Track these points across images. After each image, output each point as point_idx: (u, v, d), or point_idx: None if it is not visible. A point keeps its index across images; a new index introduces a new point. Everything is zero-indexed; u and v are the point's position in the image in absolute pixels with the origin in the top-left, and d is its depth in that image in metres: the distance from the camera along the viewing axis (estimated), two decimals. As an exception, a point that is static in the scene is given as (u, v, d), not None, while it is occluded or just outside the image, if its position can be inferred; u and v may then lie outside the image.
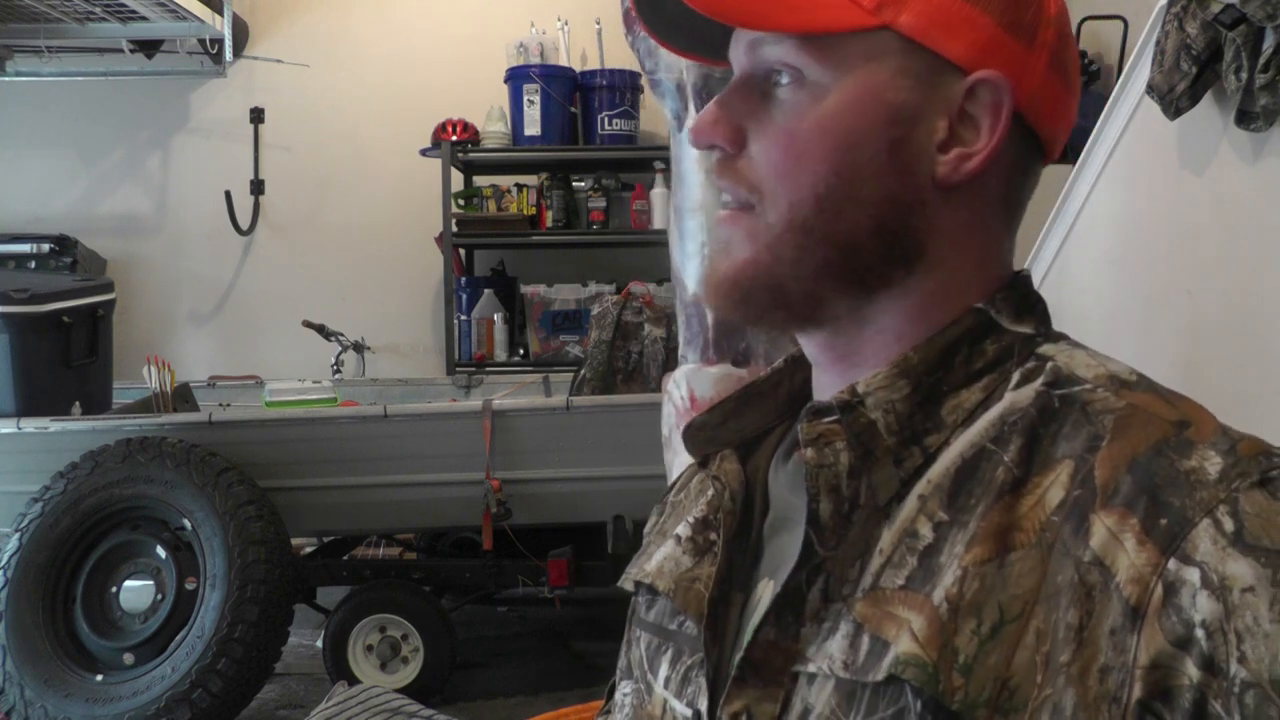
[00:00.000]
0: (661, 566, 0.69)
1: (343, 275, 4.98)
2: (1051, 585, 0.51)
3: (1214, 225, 1.96)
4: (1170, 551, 0.49)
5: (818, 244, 0.61)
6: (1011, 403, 0.59)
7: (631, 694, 0.71)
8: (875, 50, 0.60)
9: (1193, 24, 1.84)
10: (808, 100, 0.61)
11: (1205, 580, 0.47)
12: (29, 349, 3.13)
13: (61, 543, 2.90)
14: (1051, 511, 0.53)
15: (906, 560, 0.56)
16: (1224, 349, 1.91)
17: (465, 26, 4.92)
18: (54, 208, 4.96)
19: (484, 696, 3.23)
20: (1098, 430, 0.55)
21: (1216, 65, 1.82)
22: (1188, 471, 0.51)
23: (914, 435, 0.60)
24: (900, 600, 0.55)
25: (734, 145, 0.63)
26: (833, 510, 0.59)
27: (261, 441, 3.12)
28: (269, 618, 2.83)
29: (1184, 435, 0.53)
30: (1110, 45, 4.13)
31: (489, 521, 3.09)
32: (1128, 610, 0.49)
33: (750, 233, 0.63)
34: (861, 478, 0.59)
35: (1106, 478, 0.52)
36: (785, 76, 0.62)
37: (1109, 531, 0.51)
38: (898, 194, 0.61)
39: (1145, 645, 0.48)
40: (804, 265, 0.61)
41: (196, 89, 5.01)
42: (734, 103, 0.63)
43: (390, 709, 1.44)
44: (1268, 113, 1.71)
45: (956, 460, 0.58)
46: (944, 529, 0.56)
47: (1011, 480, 0.55)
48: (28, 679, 2.78)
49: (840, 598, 0.58)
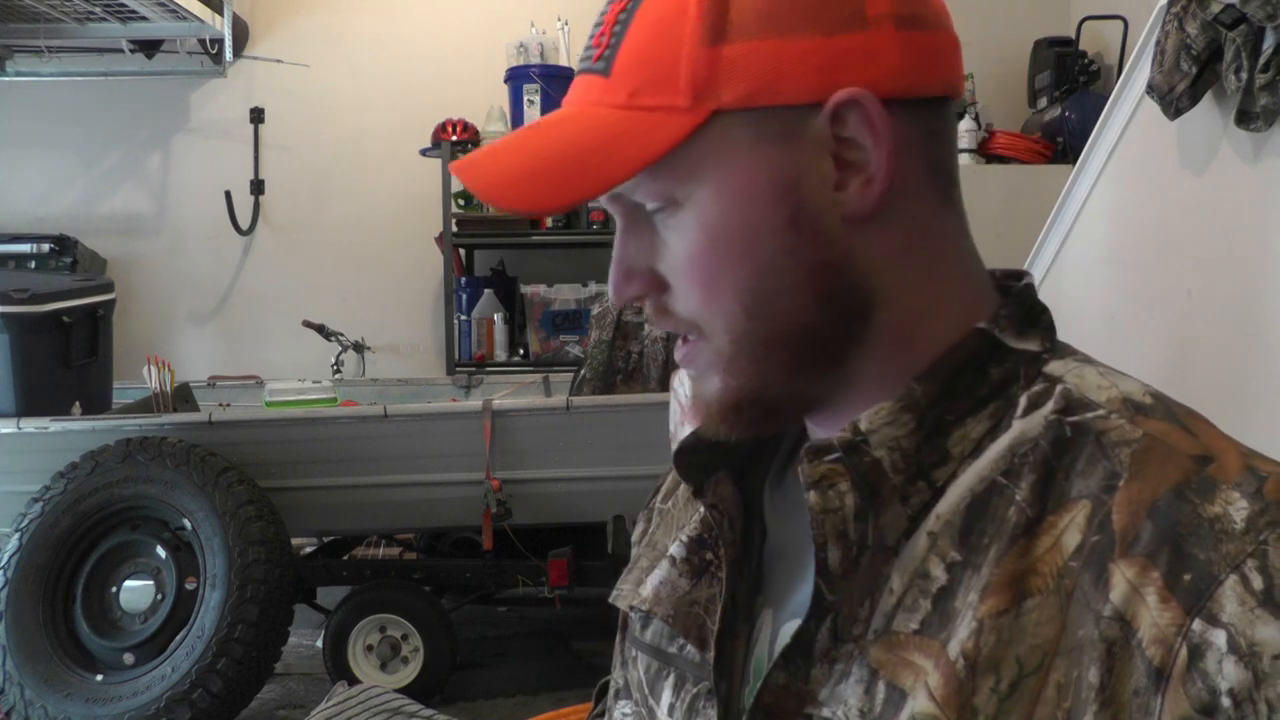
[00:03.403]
0: (659, 592, 0.66)
1: (343, 275, 4.98)
2: (1071, 638, 0.49)
3: (1214, 225, 1.96)
4: (1195, 612, 0.46)
5: (771, 348, 0.58)
6: (1021, 432, 0.55)
7: (632, 716, 0.69)
8: (721, 139, 0.56)
9: (1193, 24, 1.84)
10: (690, 220, 0.58)
11: (1233, 645, 0.45)
12: (29, 349, 3.13)
13: (61, 543, 2.90)
14: (1069, 556, 0.51)
15: (920, 604, 0.54)
16: (1224, 349, 1.91)
17: (465, 26, 4.92)
18: (54, 208, 4.96)
19: (484, 696, 3.23)
20: (1114, 467, 0.52)
21: (1216, 65, 1.82)
22: (1212, 520, 0.48)
23: (920, 470, 0.56)
24: (915, 646, 0.53)
25: (656, 289, 0.61)
26: (841, 557, 0.56)
27: (261, 441, 3.12)
28: (269, 618, 2.83)
29: (1206, 473, 0.50)
30: (1110, 45, 4.13)
31: (489, 521, 3.09)
32: (1151, 671, 0.46)
33: (709, 362, 0.60)
34: (868, 519, 0.56)
35: (1125, 524, 0.50)
36: (656, 210, 0.59)
37: (1129, 585, 0.48)
38: (821, 259, 0.57)
39: (1169, 710, 0.46)
40: (770, 372, 0.59)
41: (196, 89, 5.01)
42: (632, 253, 0.61)
43: (390, 709, 1.44)
44: (1268, 113, 1.71)
45: (966, 495, 0.55)
46: (957, 570, 0.54)
47: (1025, 521, 0.53)
48: (28, 679, 2.78)
49: (851, 638, 0.55)
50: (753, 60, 0.55)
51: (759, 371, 0.58)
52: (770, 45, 0.55)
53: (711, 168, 0.56)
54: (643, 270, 0.60)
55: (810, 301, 0.57)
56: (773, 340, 0.58)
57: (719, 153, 0.56)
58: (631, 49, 0.57)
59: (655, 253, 0.60)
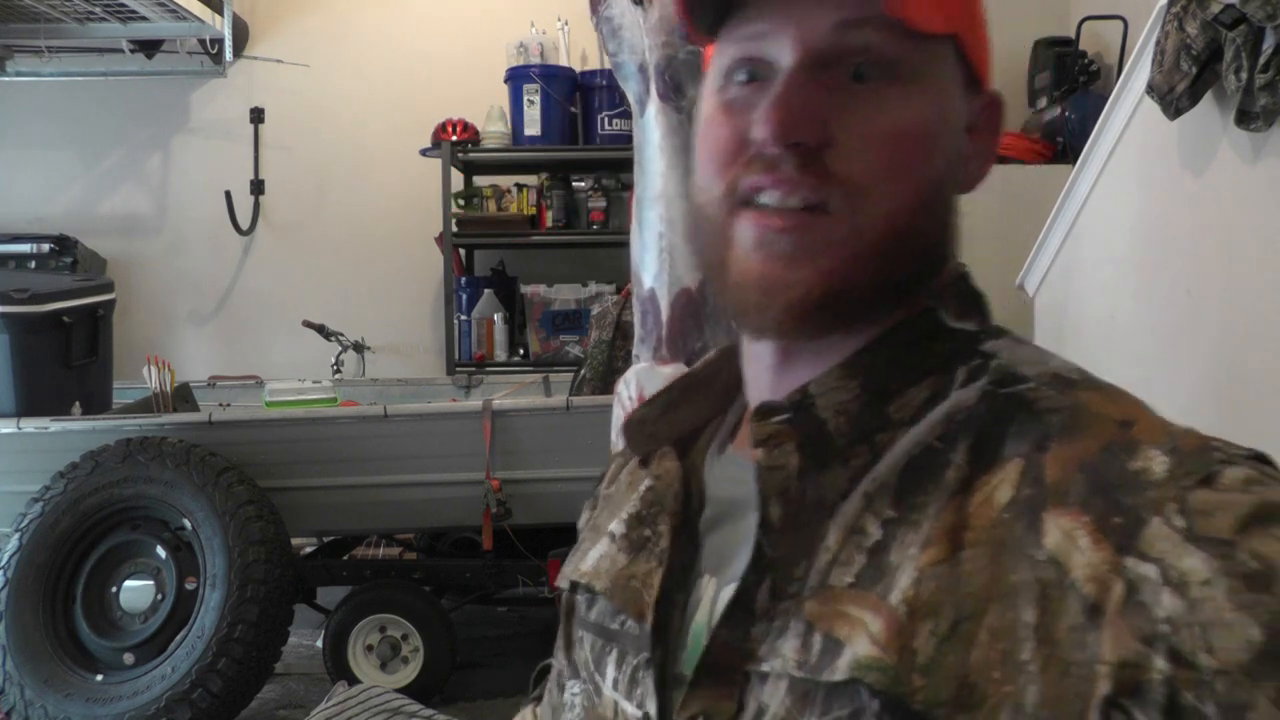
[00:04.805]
0: (598, 566, 0.69)
1: (343, 275, 4.99)
2: (1005, 583, 0.52)
3: (1214, 225, 1.96)
4: (1127, 550, 0.50)
5: (906, 253, 0.60)
6: (958, 401, 0.59)
7: (581, 694, 0.70)
8: (942, 57, 0.62)
9: (1193, 24, 1.85)
10: (900, 98, 0.59)
11: (1165, 576, 0.48)
12: (29, 349, 3.13)
13: (61, 543, 2.90)
14: (1001, 509, 0.54)
15: (855, 558, 0.56)
16: (1223, 348, 1.91)
17: (465, 26, 4.92)
18: (54, 208, 4.96)
19: (484, 696, 3.23)
20: (1045, 429, 0.55)
21: (1216, 65, 1.82)
22: (1136, 471, 0.52)
23: (862, 434, 0.60)
24: (850, 599, 0.55)
25: (822, 140, 0.59)
26: (782, 513, 0.59)
27: (261, 441, 3.12)
28: (269, 618, 2.83)
29: (1130, 434, 0.54)
30: (1110, 45, 4.13)
31: (489, 521, 3.09)
32: (1087, 607, 0.49)
33: (829, 239, 0.59)
34: (810, 478, 0.59)
35: (1057, 478, 0.53)
36: (875, 69, 0.59)
37: (1062, 531, 0.51)
38: (952, 201, 0.64)
39: (1111, 643, 0.48)
40: (893, 265, 0.60)
41: (196, 89, 5.01)
42: (814, 92, 0.59)
43: (390, 709, 1.44)
44: (1268, 113, 1.71)
45: (903, 459, 0.58)
46: (892, 527, 0.56)
47: (960, 479, 0.56)
48: (28, 679, 2.78)
49: (788, 595, 0.58)
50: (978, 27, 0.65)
51: (880, 268, 0.60)
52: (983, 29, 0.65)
53: (932, 69, 0.61)
54: (819, 119, 0.59)
55: (939, 231, 0.63)
56: (913, 245, 0.61)
57: (939, 63, 0.62)
58: None
59: (840, 106, 0.59)
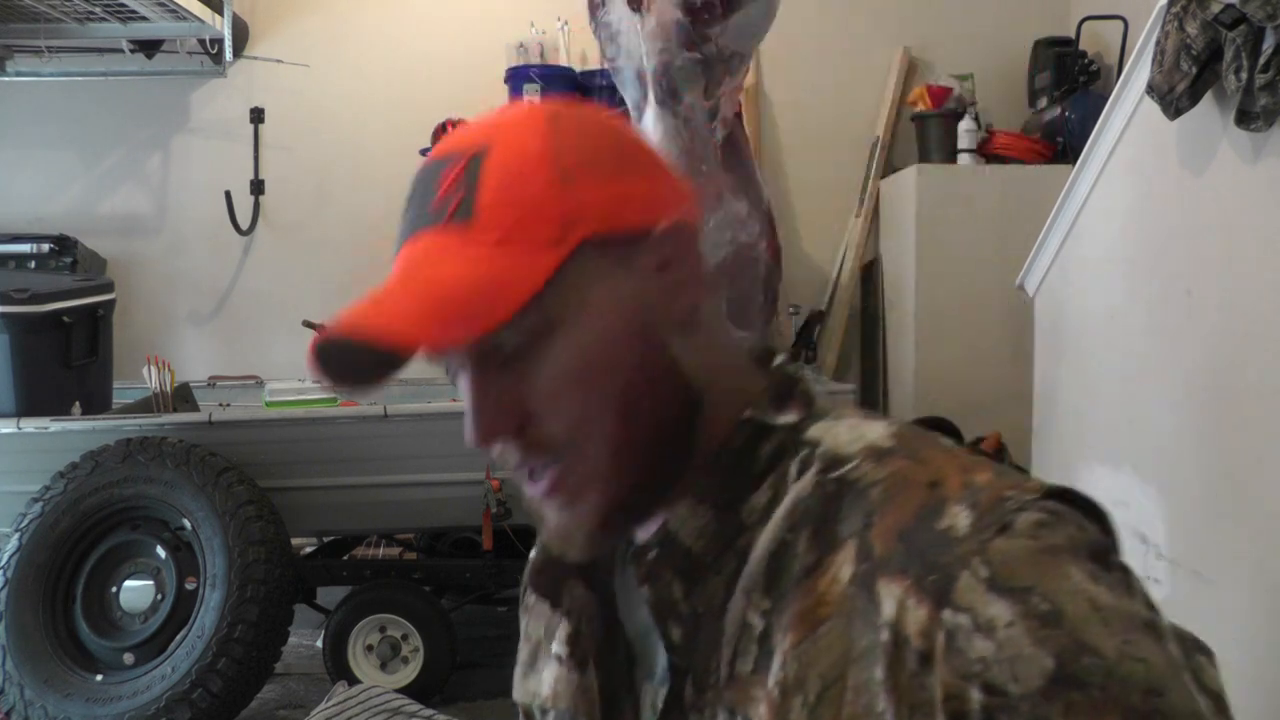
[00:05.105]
0: (555, 689, 0.78)
1: (343, 275, 4.97)
2: (858, 648, 0.59)
3: (1214, 225, 1.96)
4: (943, 604, 0.56)
5: (643, 448, 0.66)
6: (797, 495, 0.65)
7: None
8: (583, 267, 0.64)
9: (1193, 24, 1.85)
10: (560, 345, 0.64)
11: (976, 623, 0.55)
12: (29, 349, 3.13)
13: (61, 543, 2.90)
14: (846, 585, 0.61)
15: (750, 648, 0.64)
16: (1223, 348, 1.91)
17: (465, 26, 4.92)
18: (54, 208, 4.95)
19: (484, 696, 3.23)
20: (869, 506, 0.62)
21: (1216, 65, 1.82)
22: (943, 530, 0.58)
23: (725, 544, 0.67)
24: (754, 684, 0.63)
25: (524, 422, 0.66)
26: (682, 631, 0.67)
27: (261, 441, 3.12)
28: (269, 618, 2.83)
29: (938, 495, 0.60)
30: (1110, 45, 4.13)
31: (489, 521, 3.09)
32: (921, 658, 0.56)
33: (583, 479, 0.66)
34: (695, 595, 0.67)
35: (883, 550, 0.60)
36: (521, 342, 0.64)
37: (894, 597, 0.58)
38: (665, 362, 0.67)
39: (940, 683, 0.55)
40: (644, 472, 0.67)
41: (196, 89, 5.01)
42: (496, 393, 0.66)
43: (390, 709, 1.44)
44: (1268, 113, 1.71)
45: (765, 556, 0.65)
46: (769, 616, 0.63)
47: (810, 565, 0.62)
48: (28, 679, 2.78)
49: (709, 686, 0.66)
50: (607, 196, 0.65)
51: (635, 473, 0.66)
52: (608, 187, 0.65)
53: (578, 293, 0.64)
54: (510, 407, 0.66)
55: (666, 400, 0.67)
56: (644, 441, 0.66)
57: (582, 279, 0.64)
58: (492, 196, 0.64)
59: (519, 388, 0.65)
